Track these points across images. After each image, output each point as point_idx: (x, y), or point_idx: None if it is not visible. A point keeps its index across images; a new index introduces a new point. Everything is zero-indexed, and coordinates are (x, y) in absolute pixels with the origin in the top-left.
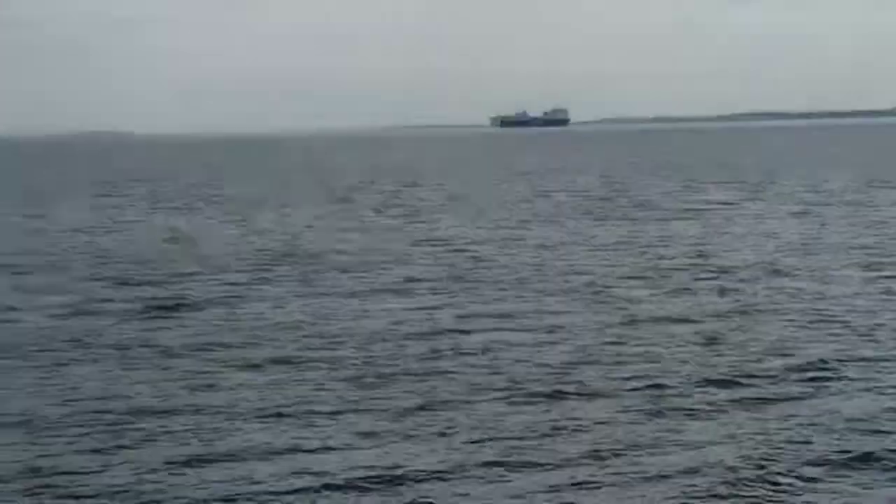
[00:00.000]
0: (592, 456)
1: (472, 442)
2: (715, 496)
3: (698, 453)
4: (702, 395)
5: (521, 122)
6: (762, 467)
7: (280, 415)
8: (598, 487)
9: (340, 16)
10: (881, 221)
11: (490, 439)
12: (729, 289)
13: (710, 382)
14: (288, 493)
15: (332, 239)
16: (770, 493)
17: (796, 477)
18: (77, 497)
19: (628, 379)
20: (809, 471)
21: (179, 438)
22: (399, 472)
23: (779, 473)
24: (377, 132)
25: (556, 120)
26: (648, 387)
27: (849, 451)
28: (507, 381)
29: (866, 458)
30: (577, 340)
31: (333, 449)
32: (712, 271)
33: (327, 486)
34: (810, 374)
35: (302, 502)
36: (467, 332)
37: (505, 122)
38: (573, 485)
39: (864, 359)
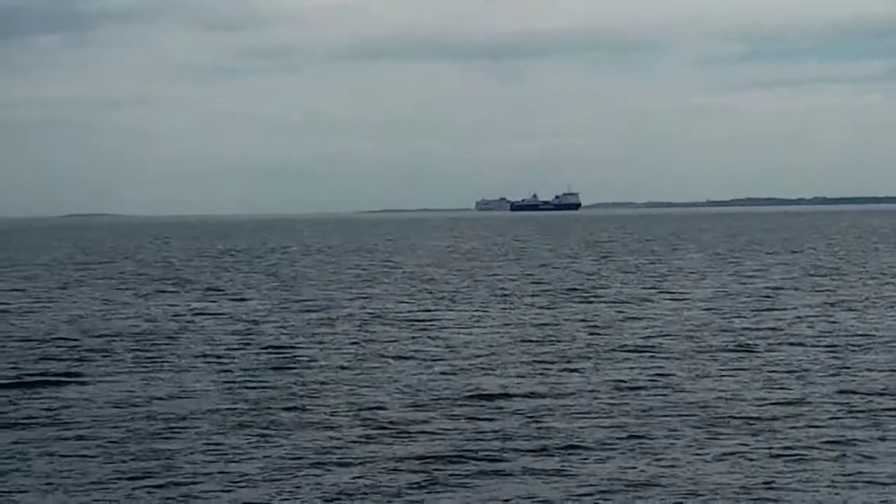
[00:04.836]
0: None
1: None
2: None
3: None
4: None
5: (533, 205)
6: None
7: None
8: None
9: (330, 102)
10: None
11: None
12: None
13: None
14: None
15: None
16: None
17: None
18: None
19: None
20: None
21: None
22: None
23: None
24: (370, 216)
25: (567, 204)
26: None
27: None
28: None
29: None
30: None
31: None
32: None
33: None
34: None
35: None
36: None
37: (515, 206)
38: None
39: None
